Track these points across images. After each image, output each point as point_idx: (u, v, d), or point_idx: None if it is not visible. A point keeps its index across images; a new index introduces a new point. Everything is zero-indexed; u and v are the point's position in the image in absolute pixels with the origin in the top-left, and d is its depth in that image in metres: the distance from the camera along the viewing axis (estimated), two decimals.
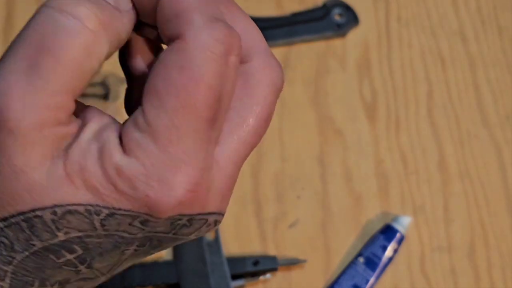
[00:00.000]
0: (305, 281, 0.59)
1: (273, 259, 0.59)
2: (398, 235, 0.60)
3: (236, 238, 0.61)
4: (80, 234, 0.26)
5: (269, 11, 0.70)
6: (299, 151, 0.64)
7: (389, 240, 0.60)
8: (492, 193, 0.63)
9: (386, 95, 0.67)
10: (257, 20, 0.69)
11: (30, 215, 0.25)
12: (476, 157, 0.65)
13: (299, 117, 0.65)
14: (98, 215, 0.26)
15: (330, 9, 0.70)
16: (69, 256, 0.27)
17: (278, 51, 0.68)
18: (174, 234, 0.28)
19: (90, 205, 0.26)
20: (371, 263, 0.59)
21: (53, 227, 0.26)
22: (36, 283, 0.27)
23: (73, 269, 0.27)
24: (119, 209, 0.26)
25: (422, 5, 0.71)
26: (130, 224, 0.26)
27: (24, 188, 0.25)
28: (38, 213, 0.25)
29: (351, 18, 0.69)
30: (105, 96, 0.64)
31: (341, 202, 0.62)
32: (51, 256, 0.26)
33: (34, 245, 0.26)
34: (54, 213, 0.25)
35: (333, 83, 0.67)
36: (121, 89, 0.64)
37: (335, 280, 0.59)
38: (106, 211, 0.26)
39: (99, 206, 0.25)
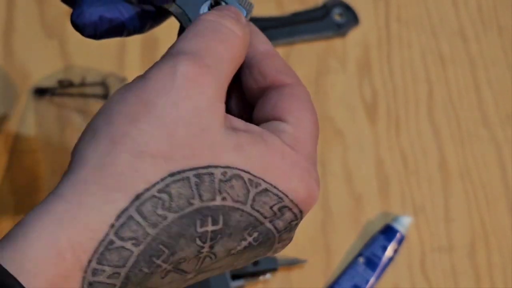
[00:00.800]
0: (305, 281, 0.60)
1: (273, 259, 0.59)
2: (398, 235, 0.60)
3: None
4: (232, 204, 0.29)
5: (269, 11, 0.70)
6: None
7: (389, 240, 0.60)
8: (492, 192, 0.63)
9: (386, 95, 0.67)
10: (257, 20, 0.69)
11: (203, 170, 0.28)
12: (476, 156, 0.65)
13: None
14: (256, 187, 0.29)
15: (330, 9, 0.70)
16: (210, 227, 0.29)
17: (278, 51, 0.68)
18: (279, 236, 0.31)
19: (254, 175, 0.29)
20: (371, 263, 0.59)
21: (217, 188, 0.28)
22: (164, 256, 0.28)
23: (201, 245, 0.29)
24: (275, 187, 0.30)
25: (423, 5, 0.71)
26: (271, 207, 0.30)
27: (206, 144, 0.28)
28: (211, 170, 0.28)
29: (351, 18, 0.70)
30: (105, 96, 0.64)
31: (341, 202, 0.62)
32: (197, 222, 0.28)
33: (192, 204, 0.28)
34: (224, 173, 0.28)
35: (333, 83, 0.67)
36: None
37: (335, 280, 0.59)
38: (264, 185, 0.29)
39: (261, 178, 0.29)
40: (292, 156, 0.30)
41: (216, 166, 0.28)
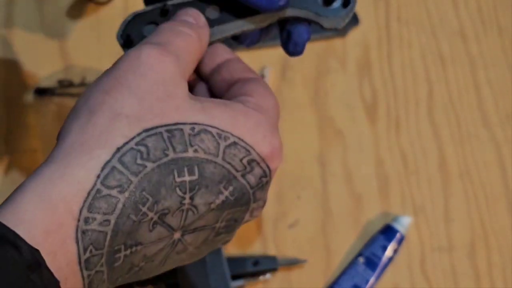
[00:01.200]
0: (305, 281, 0.60)
1: (273, 259, 0.59)
2: (398, 235, 0.60)
3: (236, 238, 0.61)
4: (205, 156, 0.33)
5: None
6: (299, 151, 0.64)
7: (389, 240, 0.60)
8: (492, 192, 0.63)
9: (386, 95, 0.67)
10: None
11: (173, 127, 0.32)
12: (476, 156, 0.65)
13: (299, 117, 0.66)
14: (225, 140, 0.33)
15: None
16: (187, 177, 0.32)
17: (278, 51, 0.68)
18: (253, 193, 0.35)
19: (221, 130, 0.33)
20: (371, 263, 0.59)
21: (188, 141, 0.32)
22: (148, 203, 0.31)
23: (181, 195, 0.32)
24: (242, 140, 0.33)
25: (422, 5, 0.71)
26: (240, 160, 0.33)
27: (173, 107, 0.32)
28: (180, 126, 0.32)
29: (352, 18, 0.69)
30: None
31: (341, 202, 0.62)
32: (175, 171, 0.32)
33: (167, 155, 0.32)
34: (192, 129, 0.32)
35: (333, 83, 0.67)
36: None
37: (335, 280, 0.59)
38: (232, 139, 0.33)
39: (228, 132, 0.33)
40: (255, 116, 0.35)
41: (184, 123, 0.32)
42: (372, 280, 0.59)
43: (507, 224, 0.62)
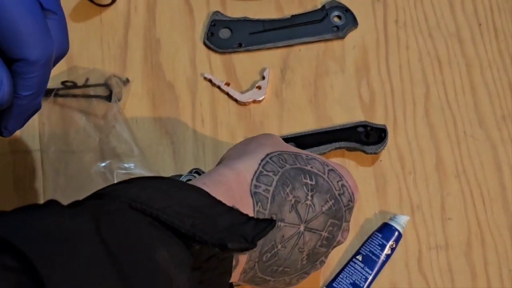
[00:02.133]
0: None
1: None
2: (396, 233, 0.60)
3: None
4: (317, 172, 0.49)
5: (269, 13, 0.70)
6: None
7: (387, 238, 0.60)
8: (488, 192, 0.64)
9: (384, 96, 0.67)
10: (257, 22, 0.69)
11: (296, 153, 0.50)
12: (472, 157, 0.65)
13: (298, 118, 0.66)
14: (327, 166, 0.51)
15: (329, 12, 0.70)
16: (308, 181, 0.48)
17: (278, 53, 0.69)
18: (345, 211, 0.51)
19: (324, 161, 0.51)
20: (369, 261, 0.60)
21: (306, 161, 0.49)
22: (289, 188, 0.47)
23: (306, 192, 0.48)
24: (337, 170, 0.51)
25: (420, 7, 0.71)
26: (337, 182, 0.50)
27: (292, 147, 0.51)
28: (299, 154, 0.50)
29: (350, 20, 0.70)
30: (108, 97, 0.64)
31: None
32: (301, 174, 0.48)
33: (296, 164, 0.49)
34: (307, 156, 0.51)
35: (332, 84, 0.68)
36: (123, 90, 0.65)
37: (334, 278, 0.60)
38: (331, 167, 0.51)
39: (328, 163, 0.51)
40: (343, 167, 0.52)
41: (301, 153, 0.50)
42: (370, 278, 0.59)
43: (503, 222, 0.63)
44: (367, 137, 0.64)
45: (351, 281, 0.59)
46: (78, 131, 0.63)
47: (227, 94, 0.67)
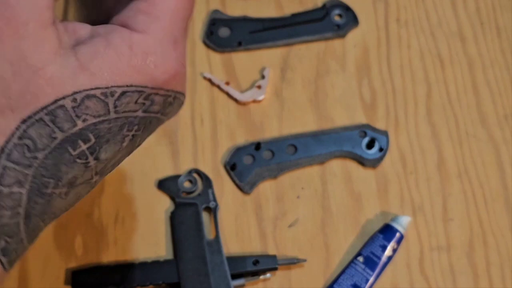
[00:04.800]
0: (305, 280, 0.60)
1: (273, 258, 0.59)
2: (397, 234, 0.60)
3: (236, 238, 0.61)
4: (95, 120, 0.30)
5: (269, 11, 0.70)
6: None
7: (389, 239, 0.60)
8: (490, 192, 0.64)
9: (385, 95, 0.67)
10: (257, 21, 0.69)
11: (53, 106, 0.29)
12: (474, 157, 0.65)
13: (299, 117, 0.66)
14: (112, 96, 0.30)
15: (329, 10, 0.70)
16: (84, 146, 0.30)
17: (278, 52, 0.69)
18: (162, 114, 0.34)
19: (106, 87, 0.30)
20: (371, 263, 0.59)
21: (73, 115, 0.29)
22: (51, 184, 0.30)
23: (84, 161, 0.31)
24: (131, 86, 0.30)
25: (421, 6, 0.71)
26: (136, 102, 0.31)
27: (44, 83, 0.28)
28: (60, 102, 0.29)
29: (351, 19, 0.70)
30: None
31: (340, 202, 0.63)
32: (69, 148, 0.30)
33: (56, 138, 0.29)
34: (74, 100, 0.29)
35: (332, 84, 0.67)
36: None
37: (335, 280, 0.60)
38: (119, 90, 0.30)
39: (114, 86, 0.30)
40: (142, 45, 0.31)
41: (63, 98, 0.29)
42: (371, 279, 0.59)
43: (505, 223, 0.62)
44: (369, 147, 0.64)
45: (352, 282, 0.59)
46: None
47: (227, 93, 0.66)
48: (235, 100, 0.66)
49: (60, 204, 0.31)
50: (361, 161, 0.63)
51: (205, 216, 0.61)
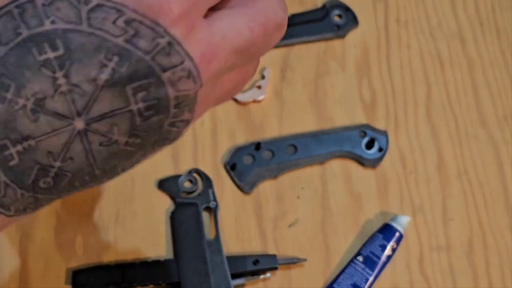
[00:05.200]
0: (304, 280, 0.60)
1: (273, 258, 0.59)
2: (397, 234, 0.60)
3: (237, 237, 0.61)
4: (66, 26, 0.27)
5: None
6: None
7: (388, 239, 0.60)
8: (490, 193, 0.64)
9: (385, 95, 0.67)
10: None
11: (23, 0, 0.27)
12: (474, 157, 0.65)
13: (299, 117, 0.66)
14: (86, 4, 0.27)
15: (329, 11, 0.70)
16: (51, 54, 0.27)
17: (278, 52, 0.69)
18: (152, 58, 0.28)
19: None
20: (370, 262, 0.60)
21: (42, 13, 0.27)
22: (12, 88, 0.27)
23: (51, 75, 0.27)
24: (109, 0, 0.27)
25: (421, 6, 0.71)
26: (114, 23, 0.27)
27: None
28: None
29: (351, 19, 0.70)
30: None
31: (340, 201, 0.63)
32: (33, 50, 0.27)
33: (20, 33, 0.27)
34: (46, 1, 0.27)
35: (332, 84, 0.67)
36: None
37: (335, 279, 0.60)
38: (95, 1, 0.27)
39: None
40: None
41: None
42: (371, 279, 0.59)
43: (505, 223, 0.62)
44: (369, 147, 0.64)
45: (352, 282, 0.59)
46: None
47: None
48: (235, 100, 0.66)
49: (31, 130, 0.28)
50: (361, 161, 0.63)
51: (205, 216, 0.61)
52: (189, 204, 0.61)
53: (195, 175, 0.63)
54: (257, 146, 0.63)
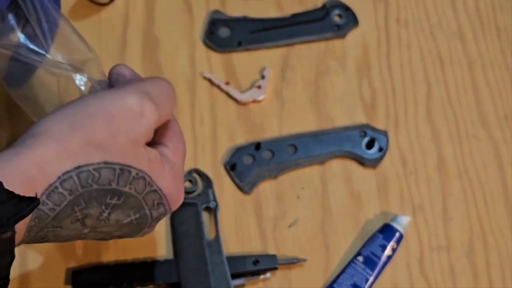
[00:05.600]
0: (305, 280, 0.60)
1: (273, 258, 0.59)
2: (397, 234, 0.60)
3: (236, 238, 0.61)
4: (134, 193, 0.44)
5: (269, 12, 0.70)
6: None
7: (388, 239, 0.60)
8: (490, 192, 0.64)
9: (385, 95, 0.67)
10: (257, 21, 0.69)
11: (125, 167, 0.42)
12: (474, 157, 0.65)
13: (299, 117, 0.66)
14: (151, 187, 0.44)
15: (329, 10, 0.70)
16: (114, 201, 0.43)
17: (278, 52, 0.69)
18: (151, 222, 0.46)
19: (152, 180, 0.44)
20: (370, 262, 0.60)
21: (129, 181, 0.43)
22: (80, 207, 0.41)
23: (103, 209, 0.43)
24: (161, 191, 0.45)
25: (421, 6, 0.71)
26: (153, 201, 0.45)
27: (133, 153, 0.43)
28: (130, 168, 0.43)
29: (351, 19, 0.70)
30: None
31: (340, 201, 0.63)
32: (109, 195, 0.42)
33: (111, 185, 0.42)
34: (137, 174, 0.43)
35: (332, 84, 0.67)
36: None
37: (335, 279, 0.60)
38: (155, 187, 0.44)
39: (155, 183, 0.44)
40: (172, 172, 0.45)
41: (134, 168, 0.43)
42: (371, 279, 0.59)
43: (505, 223, 0.62)
44: (369, 147, 0.64)
45: (352, 282, 0.59)
46: None
47: (227, 93, 0.66)
48: (235, 100, 0.66)
49: (65, 225, 0.42)
50: (361, 161, 0.63)
51: (205, 216, 0.61)
52: (189, 204, 0.61)
53: (195, 175, 0.63)
54: (257, 146, 0.63)
